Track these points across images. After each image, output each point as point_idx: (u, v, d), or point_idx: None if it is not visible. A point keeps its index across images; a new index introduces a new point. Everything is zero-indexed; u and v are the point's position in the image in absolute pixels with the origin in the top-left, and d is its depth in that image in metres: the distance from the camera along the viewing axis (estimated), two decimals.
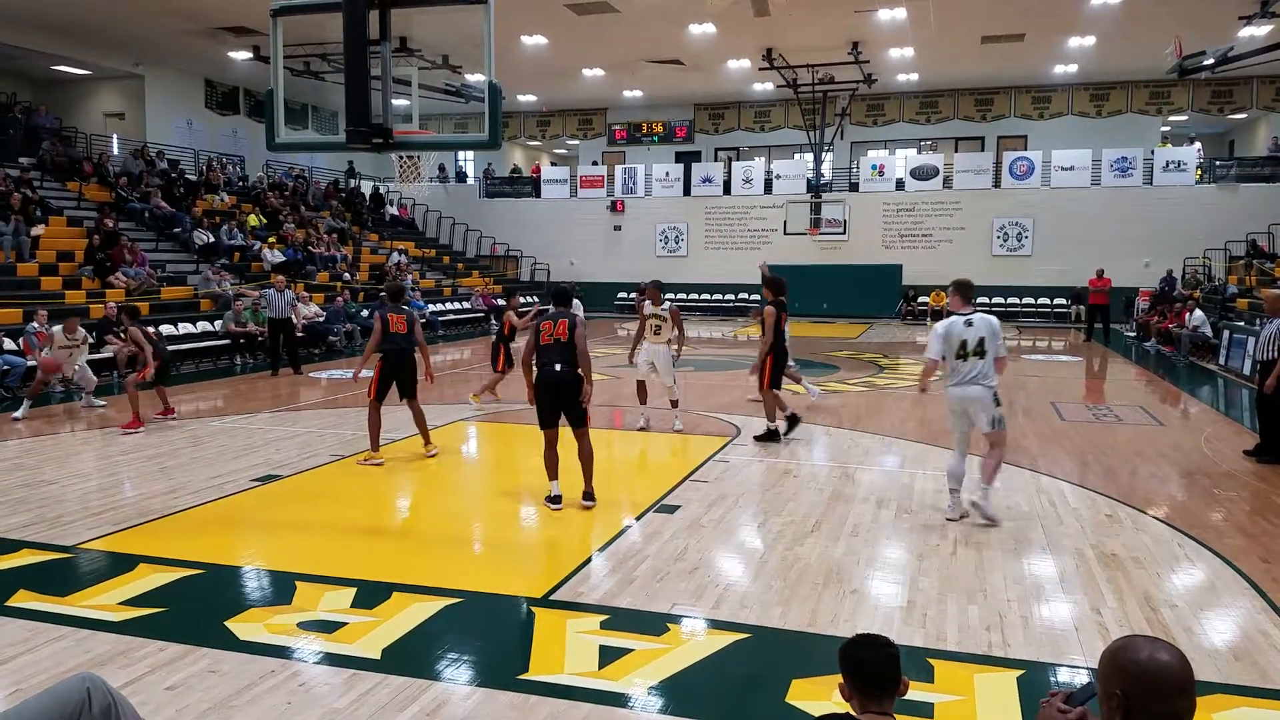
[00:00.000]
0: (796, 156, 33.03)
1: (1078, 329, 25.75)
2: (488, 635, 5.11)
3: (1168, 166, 28.39)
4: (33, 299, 15.76)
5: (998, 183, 29.87)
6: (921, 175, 30.56)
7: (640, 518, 7.19)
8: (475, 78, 26.44)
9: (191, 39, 23.81)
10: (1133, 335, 23.83)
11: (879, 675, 2.57)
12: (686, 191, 32.75)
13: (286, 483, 8.37)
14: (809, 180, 30.41)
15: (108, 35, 23.51)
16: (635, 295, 31.37)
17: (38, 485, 8.18)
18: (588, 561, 6.17)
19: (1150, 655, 2.06)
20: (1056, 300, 28.61)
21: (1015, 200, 29.39)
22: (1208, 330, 18.82)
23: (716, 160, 34.40)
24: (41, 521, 6.99)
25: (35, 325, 13.36)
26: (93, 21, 22.19)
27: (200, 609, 5.31)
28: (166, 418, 11.27)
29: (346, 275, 24.20)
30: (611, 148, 35.86)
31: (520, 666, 4.52)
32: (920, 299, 29.65)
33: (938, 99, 31.44)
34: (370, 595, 5.45)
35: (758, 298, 31.20)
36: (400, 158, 22.53)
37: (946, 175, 30.39)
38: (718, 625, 5.05)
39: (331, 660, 4.60)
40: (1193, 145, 29.96)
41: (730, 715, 4.17)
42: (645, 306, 10.70)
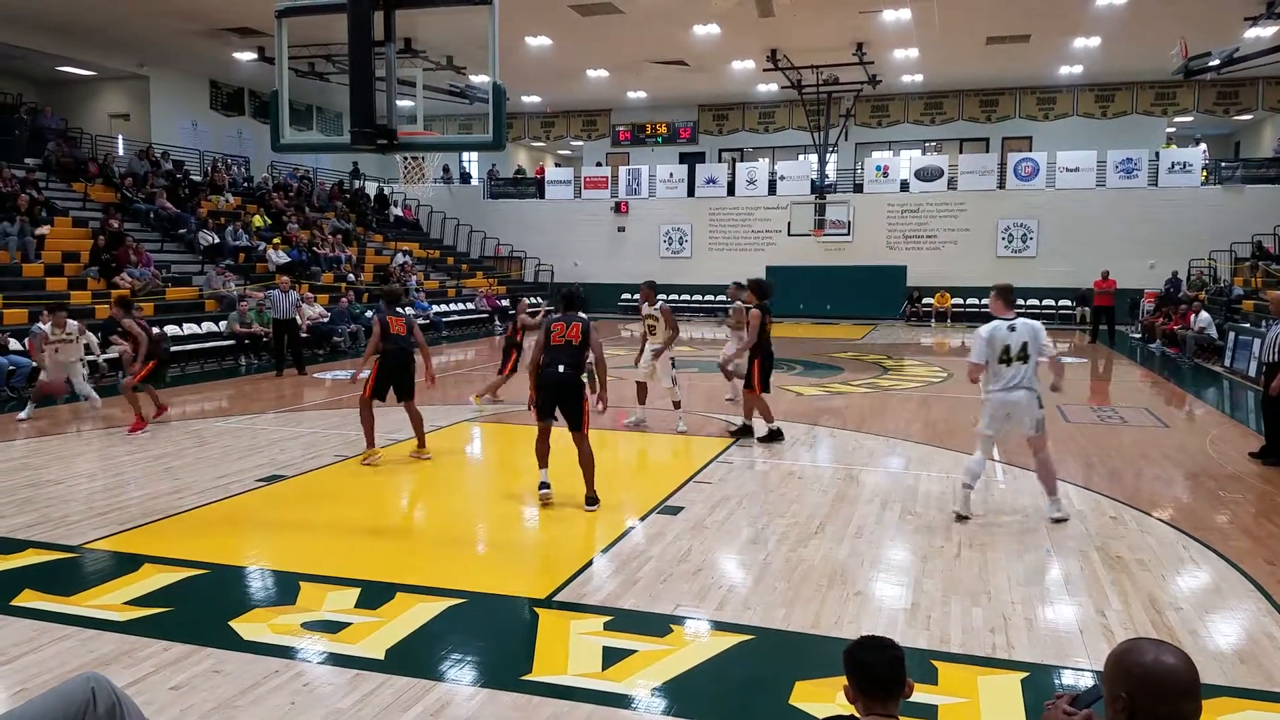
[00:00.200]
0: (801, 158, 33.01)
1: (1083, 330, 25.70)
2: (491, 636, 5.11)
3: (1173, 168, 28.35)
4: (38, 299, 15.77)
5: (1002, 184, 29.83)
6: (926, 176, 30.54)
7: (643, 519, 7.19)
8: (479, 79, 26.47)
9: (196, 40, 23.86)
10: (1138, 337, 23.79)
11: (884, 677, 2.57)
12: (690, 193, 32.75)
13: (291, 483, 8.37)
14: (813, 181, 30.39)
15: (112, 36, 23.57)
16: (639, 297, 31.51)
17: (43, 485, 8.20)
18: (591, 563, 6.17)
19: (1155, 658, 2.05)
20: (1061, 302, 28.55)
21: (1020, 201, 29.35)
22: (1213, 332, 18.78)
23: (720, 161, 34.39)
24: (47, 521, 7.00)
25: (40, 326, 13.37)
26: (97, 22, 22.24)
27: (204, 609, 5.32)
28: (157, 418, 11.09)
29: (351, 276, 24.23)
30: (615, 149, 35.88)
31: (524, 667, 4.52)
32: (925, 300, 29.64)
33: (942, 100, 31.42)
34: (374, 596, 5.46)
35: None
36: (405, 159, 22.52)
37: (951, 176, 30.36)
38: (721, 627, 5.05)
39: (335, 660, 4.60)
40: (1198, 146, 29.91)
41: (733, 717, 4.17)
42: (644, 308, 10.94)
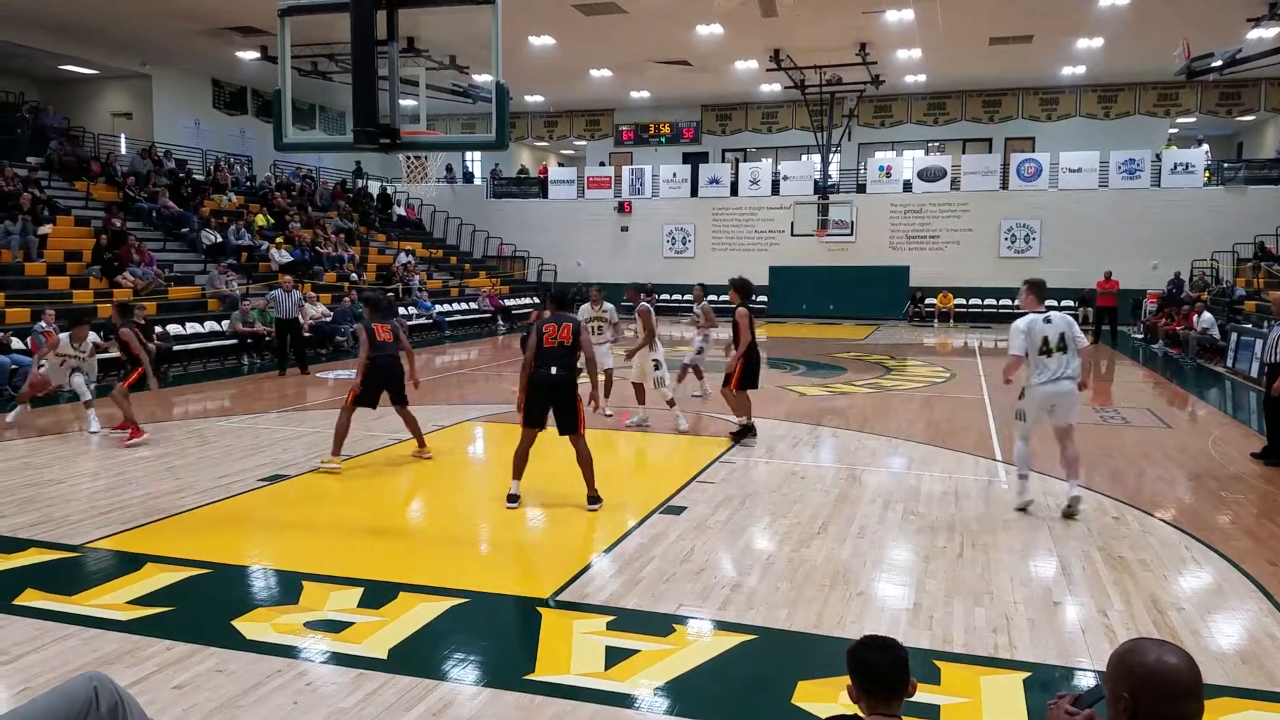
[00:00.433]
0: (804, 158, 33.00)
1: (1085, 331, 25.62)
2: (494, 635, 5.11)
3: (1175, 168, 28.33)
4: (40, 298, 15.81)
5: (1005, 184, 29.82)
6: (929, 177, 30.53)
7: (646, 519, 7.18)
8: (483, 78, 26.49)
9: (199, 39, 23.88)
10: (1140, 337, 23.76)
11: (887, 677, 2.57)
12: (694, 192, 32.76)
13: (293, 482, 8.38)
14: (816, 181, 30.40)
15: (115, 35, 23.60)
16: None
17: (45, 484, 8.20)
18: (594, 562, 6.17)
19: (1158, 658, 2.06)
20: (1064, 302, 28.45)
21: (1023, 202, 29.34)
22: (1215, 333, 18.76)
23: (724, 161, 34.39)
24: (49, 521, 7.01)
25: (43, 325, 13.38)
26: (100, 21, 22.27)
27: (207, 608, 5.32)
28: (118, 428, 10.25)
29: (354, 275, 24.24)
30: (619, 148, 35.90)
31: (526, 667, 4.52)
32: (928, 300, 29.63)
33: (945, 100, 31.42)
34: (377, 595, 5.46)
35: (765, 299, 31.30)
36: (408, 158, 22.52)
37: (954, 177, 30.36)
38: (724, 626, 5.05)
39: (338, 660, 4.60)
40: (1201, 147, 29.88)
41: (736, 716, 4.17)
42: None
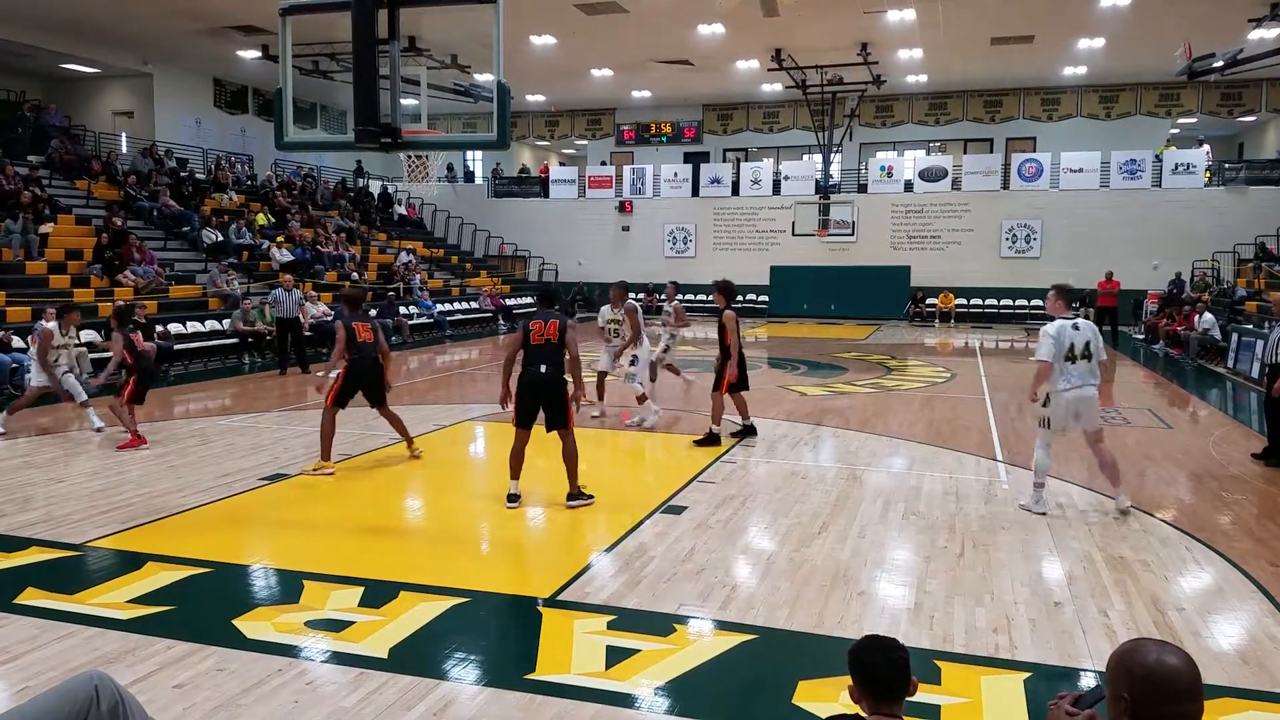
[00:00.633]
0: (805, 157, 33.01)
1: None
2: (495, 635, 5.12)
3: (1177, 169, 28.32)
4: (41, 297, 15.80)
5: (1006, 184, 29.82)
6: (930, 177, 30.53)
7: (647, 518, 7.19)
8: (484, 77, 26.50)
9: (200, 38, 23.88)
10: (1141, 338, 23.76)
11: (889, 677, 2.58)
12: (695, 192, 32.76)
13: (294, 482, 8.38)
14: (817, 181, 30.38)
15: (116, 34, 23.60)
16: (643, 296, 31.51)
17: (46, 483, 8.21)
18: (594, 562, 6.17)
19: (1158, 659, 2.06)
20: None
21: (1024, 202, 29.33)
22: (1216, 333, 18.76)
23: (725, 161, 34.40)
24: (50, 519, 7.01)
25: (44, 324, 13.37)
26: (101, 20, 22.27)
27: (208, 607, 5.33)
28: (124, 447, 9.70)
29: (354, 275, 24.24)
30: (620, 148, 35.90)
31: (527, 666, 4.52)
32: (929, 301, 29.62)
33: (946, 100, 31.40)
34: (377, 594, 5.46)
35: (766, 299, 31.32)
36: (408, 157, 22.49)
37: (955, 177, 30.36)
38: (725, 626, 5.05)
39: (339, 659, 4.61)
40: (1202, 147, 29.87)
41: (737, 716, 4.16)
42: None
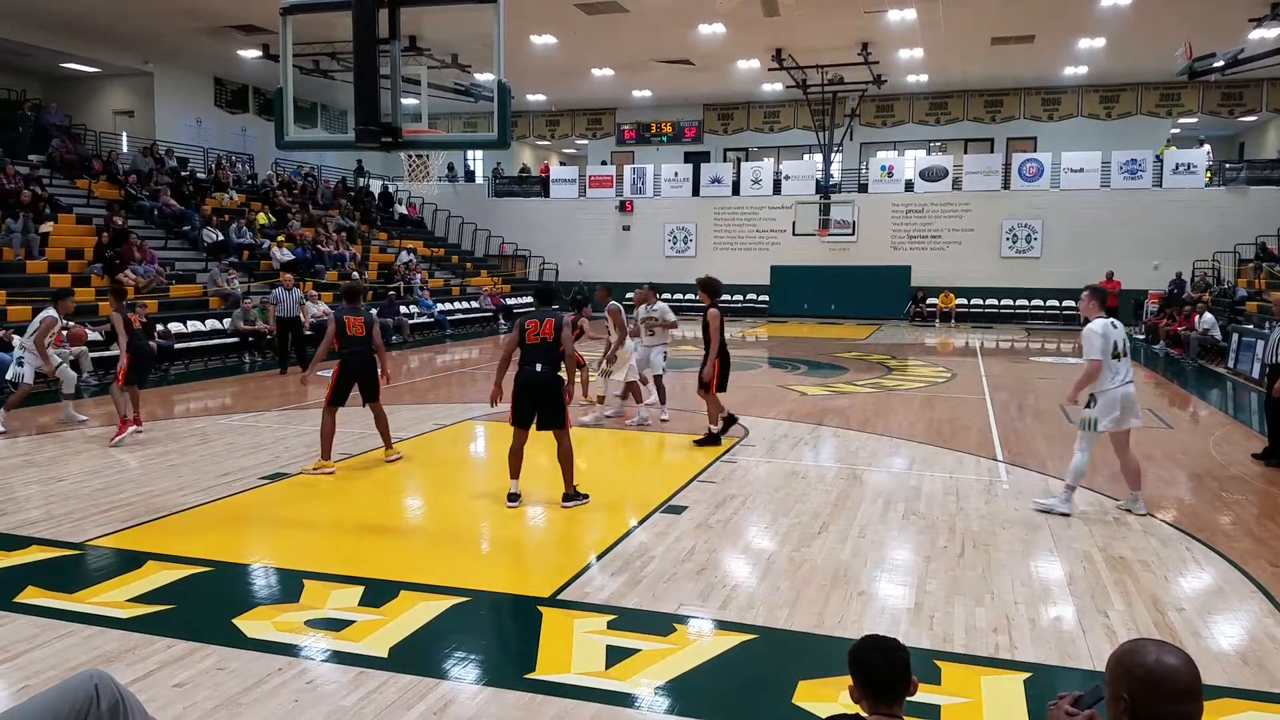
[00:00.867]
0: (805, 157, 33.00)
1: None
2: (495, 634, 5.12)
3: (1177, 169, 28.30)
4: (42, 296, 15.79)
5: (1007, 184, 29.81)
6: (931, 176, 30.52)
7: (647, 518, 7.19)
8: (484, 77, 26.49)
9: (201, 37, 23.88)
10: (1142, 338, 23.74)
11: (889, 677, 2.57)
12: (695, 192, 32.75)
13: (295, 481, 8.38)
14: (818, 181, 30.37)
15: (117, 33, 23.60)
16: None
17: (46, 482, 8.22)
18: (595, 562, 6.17)
19: (1157, 659, 2.05)
20: (1065, 303, 28.53)
21: (1024, 202, 29.32)
22: (1217, 333, 18.76)
23: (725, 161, 34.37)
24: (50, 518, 7.01)
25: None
26: (102, 19, 22.27)
27: (208, 606, 5.33)
28: (130, 429, 9.94)
29: (355, 274, 24.23)
30: (620, 148, 35.89)
31: (527, 666, 4.52)
32: (929, 300, 29.62)
33: (947, 100, 31.39)
34: (378, 594, 5.46)
35: (766, 299, 31.31)
36: (409, 156, 22.52)
37: (956, 177, 30.34)
38: (725, 626, 5.05)
39: (339, 658, 4.61)
40: (1202, 148, 29.87)
41: (737, 716, 4.17)
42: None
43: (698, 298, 10.42)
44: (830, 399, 13.45)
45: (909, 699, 2.62)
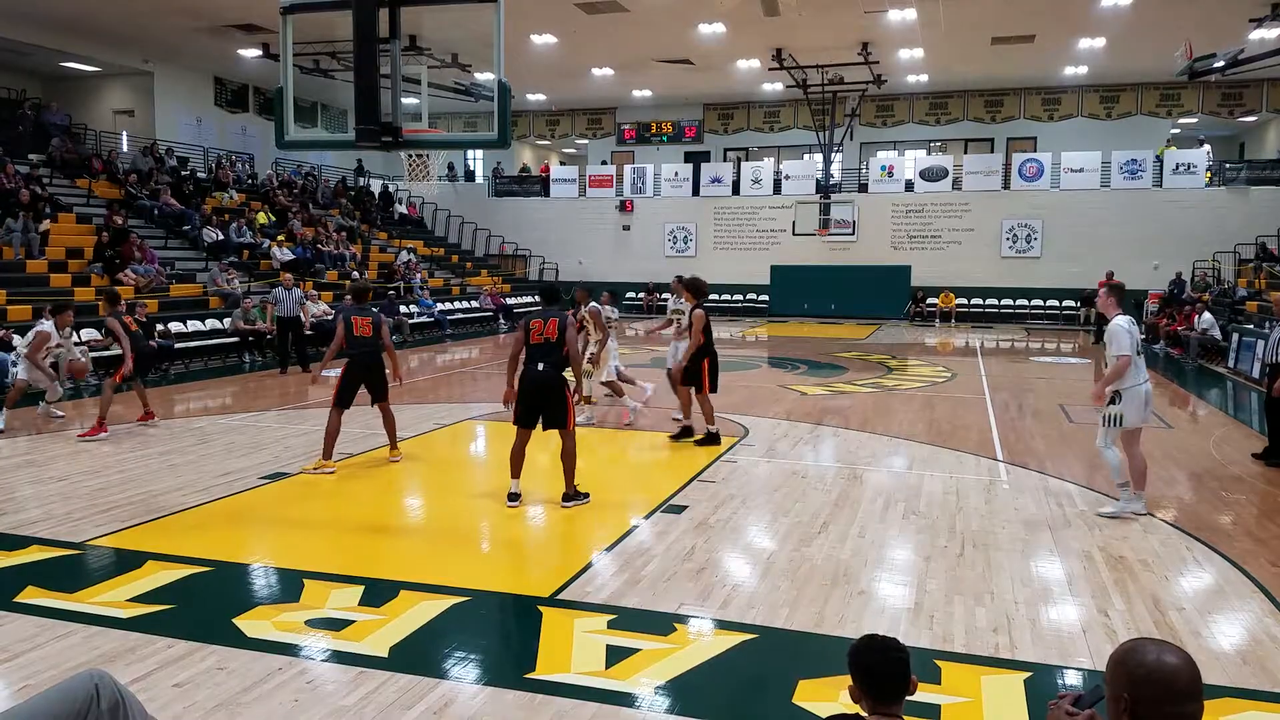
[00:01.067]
0: (806, 157, 32.99)
1: (1087, 331, 25.67)
2: (495, 634, 5.12)
3: (1177, 169, 28.30)
4: (41, 296, 15.79)
5: (1007, 184, 29.80)
6: (931, 176, 30.51)
7: (647, 518, 7.19)
8: (484, 76, 26.50)
9: (201, 36, 23.88)
10: (1142, 338, 23.74)
11: (889, 677, 2.57)
12: (695, 191, 32.74)
13: (295, 480, 8.38)
14: (818, 181, 30.36)
15: (117, 32, 23.59)
16: (643, 296, 31.49)
17: (46, 481, 8.22)
18: (595, 561, 6.17)
19: (1158, 659, 2.05)
20: (1065, 302, 28.54)
21: (1025, 202, 29.32)
22: (1216, 333, 18.76)
23: (725, 160, 34.36)
24: (50, 518, 7.01)
25: (44, 322, 13.37)
26: (102, 18, 22.27)
27: (208, 606, 5.33)
28: (145, 423, 10.74)
29: (355, 274, 24.20)
30: (620, 147, 35.89)
31: (527, 665, 4.52)
32: (929, 300, 29.62)
33: (947, 100, 31.39)
34: (378, 593, 5.46)
35: (766, 299, 31.31)
36: (409, 156, 22.52)
37: (956, 176, 30.34)
38: (725, 625, 5.05)
39: (339, 658, 4.61)
40: (1202, 148, 29.86)
41: (737, 716, 4.17)
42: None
43: (684, 298, 10.50)
44: (830, 399, 13.45)
45: (909, 698, 2.62)
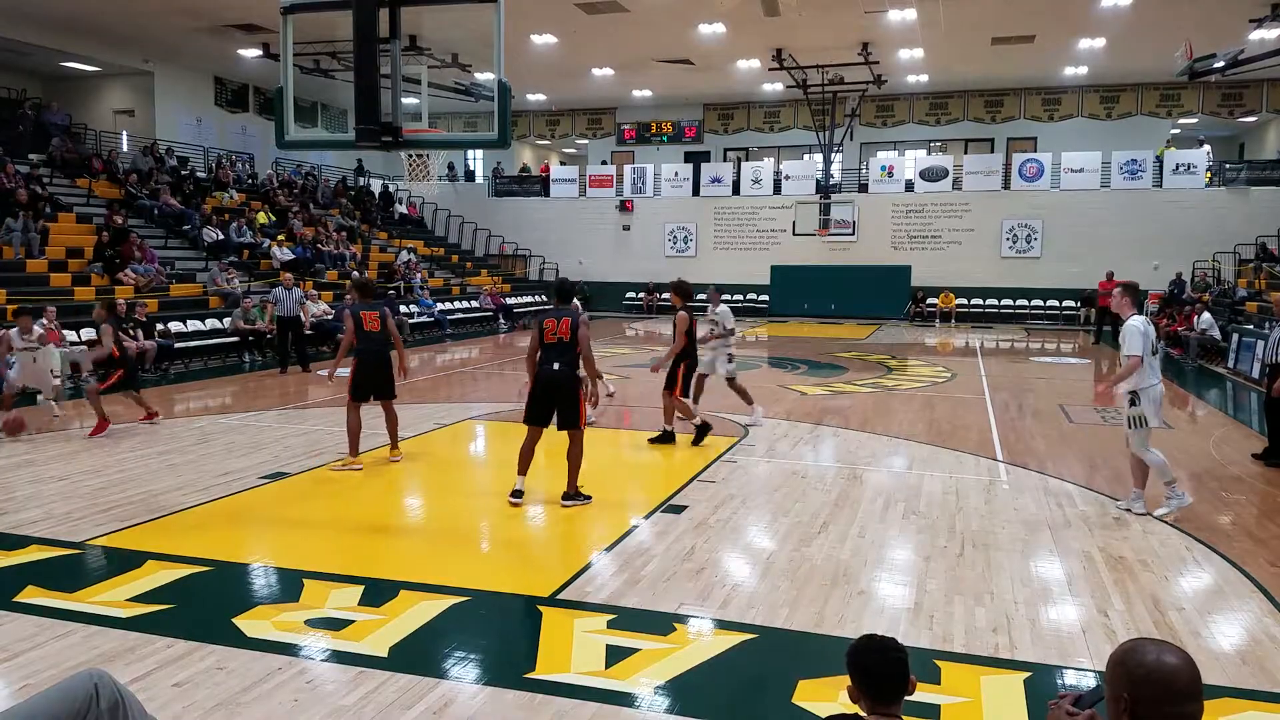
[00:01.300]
0: (806, 157, 32.99)
1: (1087, 331, 25.68)
2: (495, 634, 5.11)
3: (1177, 169, 28.30)
4: (42, 295, 15.81)
5: (1007, 184, 29.81)
6: (931, 176, 30.51)
7: (647, 517, 7.19)
8: (484, 76, 26.50)
9: (201, 36, 23.88)
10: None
11: (888, 677, 2.57)
12: (695, 191, 32.74)
13: (295, 480, 8.38)
14: (818, 181, 30.35)
15: (117, 32, 23.59)
16: (643, 296, 31.48)
17: (46, 481, 8.22)
18: (595, 561, 6.17)
19: (1157, 659, 2.05)
20: (1065, 302, 28.54)
21: (1025, 202, 29.32)
22: (1216, 333, 18.75)
23: (726, 160, 34.36)
24: (50, 518, 7.01)
25: (44, 322, 13.40)
26: (102, 18, 22.27)
27: (208, 606, 5.33)
28: (149, 421, 10.87)
29: (355, 273, 24.20)
30: (620, 147, 35.89)
31: (527, 665, 4.52)
32: (929, 300, 29.62)
33: (947, 100, 31.39)
34: (377, 593, 5.46)
35: (766, 299, 31.30)
36: (409, 156, 22.52)
37: (956, 177, 30.34)
38: (724, 625, 5.05)
39: (338, 658, 4.61)
40: (1202, 148, 29.86)
41: (736, 716, 4.17)
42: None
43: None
44: (830, 399, 13.45)
45: (908, 698, 2.62)
